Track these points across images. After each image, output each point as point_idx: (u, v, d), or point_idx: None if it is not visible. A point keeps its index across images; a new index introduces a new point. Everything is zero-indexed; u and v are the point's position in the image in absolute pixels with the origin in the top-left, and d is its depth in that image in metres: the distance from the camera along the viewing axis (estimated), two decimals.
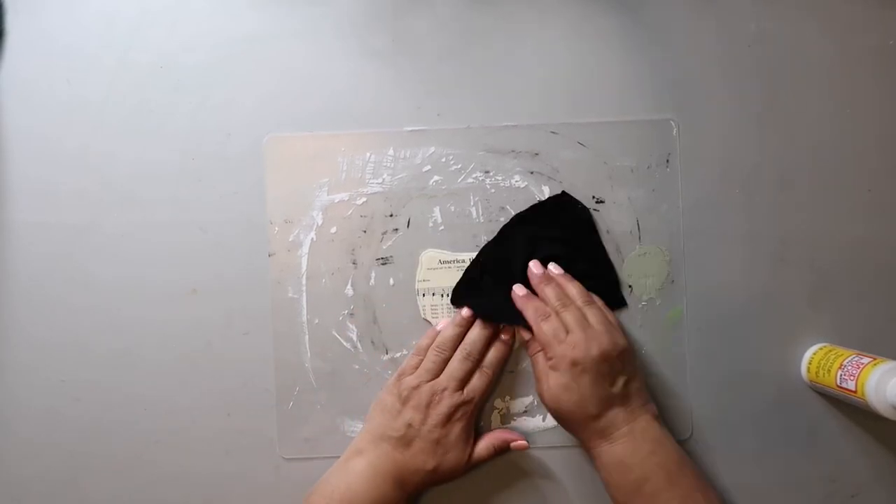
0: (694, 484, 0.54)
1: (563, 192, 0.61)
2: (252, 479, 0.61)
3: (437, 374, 0.58)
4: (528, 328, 0.57)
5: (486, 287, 0.60)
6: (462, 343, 0.59)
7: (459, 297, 0.60)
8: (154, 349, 0.61)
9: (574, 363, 0.54)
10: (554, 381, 0.54)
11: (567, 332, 0.55)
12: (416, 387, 0.57)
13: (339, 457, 0.59)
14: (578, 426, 0.55)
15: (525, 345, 0.59)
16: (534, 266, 0.59)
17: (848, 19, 0.62)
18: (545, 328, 0.56)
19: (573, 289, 0.58)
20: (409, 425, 0.56)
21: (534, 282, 0.59)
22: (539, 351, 0.57)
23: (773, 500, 0.61)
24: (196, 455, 0.61)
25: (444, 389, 0.57)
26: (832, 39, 0.62)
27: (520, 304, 0.58)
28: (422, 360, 0.59)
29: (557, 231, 0.61)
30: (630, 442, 0.54)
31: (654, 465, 0.54)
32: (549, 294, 0.57)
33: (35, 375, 0.61)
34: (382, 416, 0.58)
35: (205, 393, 0.61)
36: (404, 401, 0.57)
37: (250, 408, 0.61)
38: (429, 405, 0.56)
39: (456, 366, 0.58)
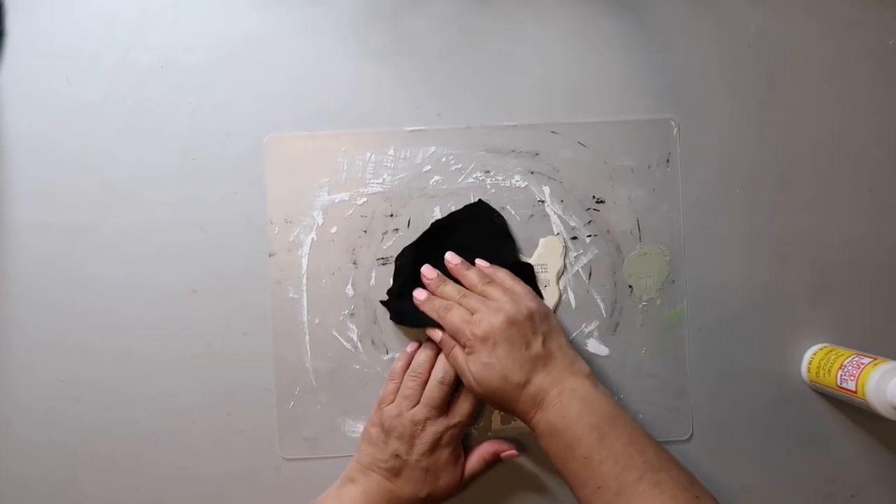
0: (627, 440, 0.51)
1: (480, 200, 0.61)
2: (252, 479, 0.61)
3: (417, 400, 0.57)
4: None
5: (406, 295, 0.60)
6: (434, 369, 0.57)
7: (388, 307, 0.60)
8: (154, 349, 0.61)
9: (485, 338, 0.53)
10: (474, 365, 0.53)
11: (472, 314, 0.55)
12: (398, 415, 0.56)
13: (338, 457, 0.59)
14: (512, 401, 0.53)
15: (442, 349, 0.57)
16: (450, 256, 0.59)
17: (848, 19, 0.62)
18: (451, 318, 0.55)
19: (473, 275, 0.58)
20: (396, 455, 0.55)
21: (455, 272, 0.59)
22: (454, 346, 0.55)
23: (773, 500, 0.61)
24: (196, 455, 0.61)
25: (427, 419, 0.56)
26: (832, 39, 0.62)
27: (423, 308, 0.58)
28: (398, 384, 0.58)
29: (476, 239, 0.60)
30: (559, 405, 0.52)
31: (585, 426, 0.51)
32: (465, 278, 0.58)
33: (35, 375, 0.60)
34: (369, 447, 0.57)
35: (205, 393, 0.61)
36: (388, 431, 0.56)
37: (250, 408, 0.61)
38: (412, 435, 0.55)
39: (433, 393, 0.56)
